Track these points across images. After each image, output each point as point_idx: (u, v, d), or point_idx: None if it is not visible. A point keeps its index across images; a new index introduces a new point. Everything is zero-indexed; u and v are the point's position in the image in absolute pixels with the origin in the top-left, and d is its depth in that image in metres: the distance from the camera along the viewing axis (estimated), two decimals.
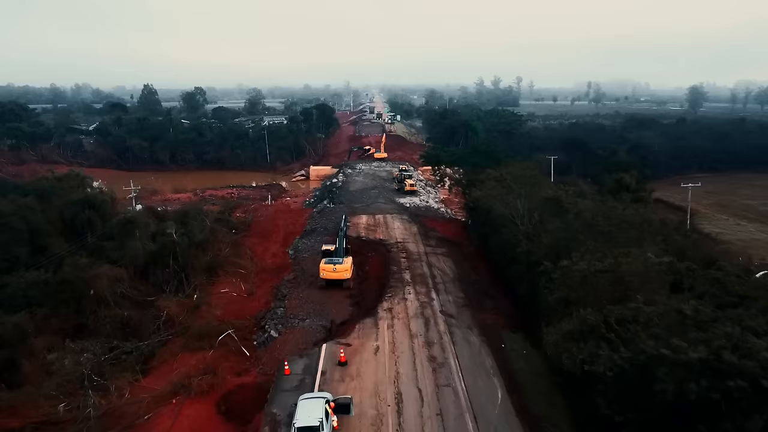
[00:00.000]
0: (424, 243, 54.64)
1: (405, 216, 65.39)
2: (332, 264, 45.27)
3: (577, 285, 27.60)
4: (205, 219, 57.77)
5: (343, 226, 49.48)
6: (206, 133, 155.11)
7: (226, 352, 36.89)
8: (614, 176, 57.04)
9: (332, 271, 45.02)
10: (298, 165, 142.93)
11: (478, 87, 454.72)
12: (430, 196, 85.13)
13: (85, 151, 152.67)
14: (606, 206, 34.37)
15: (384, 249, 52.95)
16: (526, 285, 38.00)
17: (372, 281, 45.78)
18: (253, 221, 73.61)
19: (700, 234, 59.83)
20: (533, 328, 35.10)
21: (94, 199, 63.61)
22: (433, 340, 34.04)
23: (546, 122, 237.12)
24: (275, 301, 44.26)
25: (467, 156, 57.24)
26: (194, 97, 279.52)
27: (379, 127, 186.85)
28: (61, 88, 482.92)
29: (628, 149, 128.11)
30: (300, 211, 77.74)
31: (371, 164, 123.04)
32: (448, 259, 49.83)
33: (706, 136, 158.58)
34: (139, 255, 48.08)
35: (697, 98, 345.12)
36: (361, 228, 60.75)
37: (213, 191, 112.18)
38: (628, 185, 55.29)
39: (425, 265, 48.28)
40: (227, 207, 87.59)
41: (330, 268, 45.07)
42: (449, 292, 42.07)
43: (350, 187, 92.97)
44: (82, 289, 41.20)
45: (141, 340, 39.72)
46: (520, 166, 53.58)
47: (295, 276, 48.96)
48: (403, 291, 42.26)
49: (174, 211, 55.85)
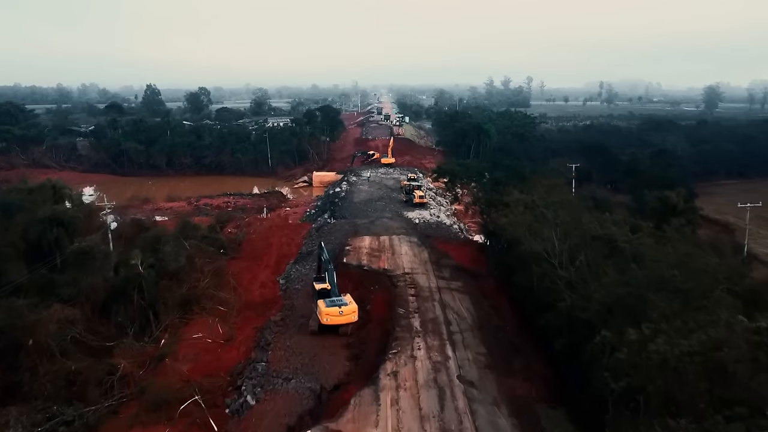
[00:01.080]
0: (436, 274, 46.64)
1: (413, 238, 57.36)
2: (337, 306, 37.60)
3: (656, 373, 19.75)
4: (183, 242, 50.18)
5: (325, 256, 41.86)
6: (205, 136, 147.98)
7: (189, 426, 29.31)
8: (657, 194, 48.92)
9: (339, 314, 37.35)
10: (301, 170, 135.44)
11: (488, 87, 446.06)
12: (441, 209, 77.20)
13: (79, 155, 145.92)
14: (677, 250, 26.42)
15: (389, 282, 44.97)
16: (566, 342, 30.18)
17: (374, 326, 37.92)
18: (244, 239, 66.11)
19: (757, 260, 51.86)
20: (577, 401, 27.33)
21: (63, 215, 56.22)
22: (450, 426, 26.08)
23: (559, 124, 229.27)
24: (257, 350, 36.61)
25: (487, 171, 49.19)
26: (198, 98, 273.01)
27: (387, 129, 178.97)
28: (67, 88, 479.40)
29: (651, 155, 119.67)
30: (298, 227, 70.15)
31: (378, 170, 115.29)
32: (464, 297, 41.83)
33: (729, 138, 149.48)
34: (99, 290, 40.58)
35: (713, 98, 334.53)
36: (363, 253, 52.82)
37: (208, 200, 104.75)
38: (675, 206, 47.19)
39: (438, 305, 40.30)
40: (219, 220, 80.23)
41: (335, 312, 37.32)
42: (468, 345, 34.08)
43: (354, 198, 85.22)
44: (19, 339, 33.70)
45: (87, 404, 32.16)
46: (547, 183, 45.77)
47: (283, 317, 41.23)
48: (412, 344, 34.21)
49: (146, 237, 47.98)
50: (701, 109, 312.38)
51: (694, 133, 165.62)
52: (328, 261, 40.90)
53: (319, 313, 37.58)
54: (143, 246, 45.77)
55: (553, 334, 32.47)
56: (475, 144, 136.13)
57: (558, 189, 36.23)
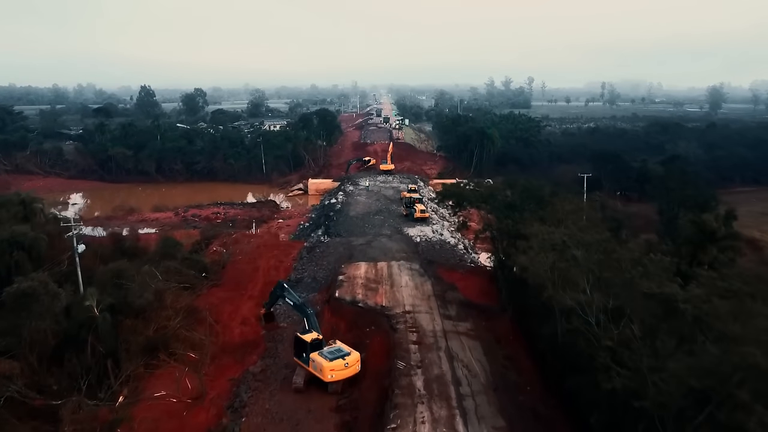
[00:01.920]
0: (441, 312, 40.58)
1: (415, 264, 51.22)
2: (339, 357, 31.85)
3: None
4: (155, 272, 44.18)
5: (295, 299, 36.04)
6: (197, 141, 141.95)
7: None
8: (693, 218, 42.89)
9: (344, 367, 31.67)
10: (297, 176, 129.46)
11: (489, 88, 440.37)
12: (444, 224, 71.34)
13: (65, 160, 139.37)
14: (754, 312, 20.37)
15: (387, 324, 38.88)
16: (605, 419, 24.31)
17: (369, 384, 31.87)
18: (229, 260, 60.19)
19: None
20: None
21: (22, 238, 50.42)
22: None
23: (562, 126, 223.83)
24: (230, 413, 30.70)
25: (499, 192, 43.15)
26: (194, 99, 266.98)
27: (386, 132, 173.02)
28: (63, 88, 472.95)
29: (664, 161, 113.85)
30: (288, 247, 64.21)
31: (376, 178, 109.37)
32: (475, 344, 35.79)
33: (739, 142, 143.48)
34: (47, 337, 34.68)
35: (717, 99, 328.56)
36: (359, 284, 46.65)
37: (197, 210, 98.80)
38: (714, 231, 41.19)
39: (444, 356, 34.26)
40: (205, 236, 74.45)
41: (340, 366, 31.57)
42: (482, 416, 28.03)
43: (350, 211, 79.24)
44: None
45: None
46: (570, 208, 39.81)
47: (263, 367, 35.26)
48: (414, 414, 28.10)
49: (108, 270, 41.66)
50: (705, 110, 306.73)
51: (703, 136, 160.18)
52: (304, 305, 35.17)
53: (320, 370, 31.68)
54: (104, 281, 39.75)
55: (586, 404, 26.59)
56: (478, 149, 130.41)
57: (593, 229, 30.05)
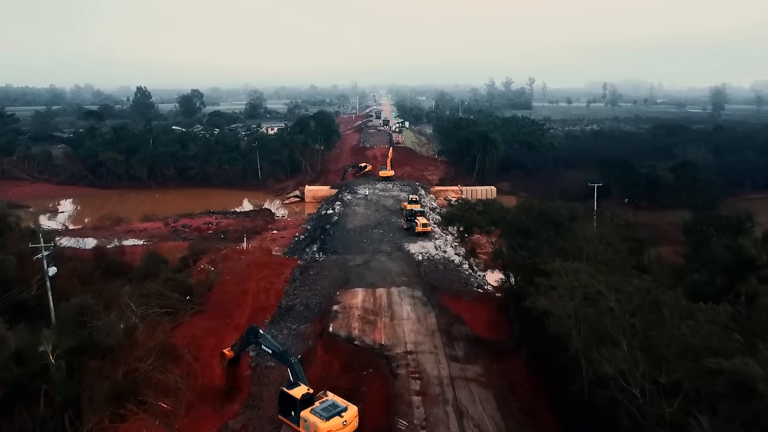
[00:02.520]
0: (447, 352, 35.96)
1: (417, 291, 46.56)
2: (336, 415, 27.41)
3: None
4: (129, 303, 39.75)
5: (275, 347, 31.68)
6: (191, 145, 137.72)
7: None
8: (727, 243, 38.47)
9: (343, 426, 27.32)
10: (293, 183, 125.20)
11: (489, 88, 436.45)
12: (447, 239, 66.91)
13: (54, 165, 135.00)
14: None
15: (386, 367, 34.38)
16: None
17: None
18: (216, 281, 55.78)
19: None
20: None
21: None
22: None
23: (565, 128, 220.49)
24: None
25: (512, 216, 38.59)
26: (191, 101, 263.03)
27: (386, 136, 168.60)
28: (60, 89, 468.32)
29: (674, 167, 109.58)
30: (281, 265, 59.71)
31: (375, 185, 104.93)
32: (486, 394, 31.22)
33: (748, 145, 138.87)
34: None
35: (720, 100, 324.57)
36: (355, 317, 42.01)
37: (188, 220, 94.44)
38: (754, 259, 36.74)
39: (452, 411, 29.61)
40: (193, 252, 69.94)
41: (338, 424, 27.08)
42: None
43: (348, 224, 74.78)
44: None
45: None
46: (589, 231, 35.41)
47: (244, 422, 30.77)
48: None
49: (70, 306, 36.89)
50: (708, 111, 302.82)
51: (710, 139, 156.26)
52: (285, 353, 30.79)
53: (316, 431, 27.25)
54: (66, 318, 35.29)
55: None
56: (481, 154, 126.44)
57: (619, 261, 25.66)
